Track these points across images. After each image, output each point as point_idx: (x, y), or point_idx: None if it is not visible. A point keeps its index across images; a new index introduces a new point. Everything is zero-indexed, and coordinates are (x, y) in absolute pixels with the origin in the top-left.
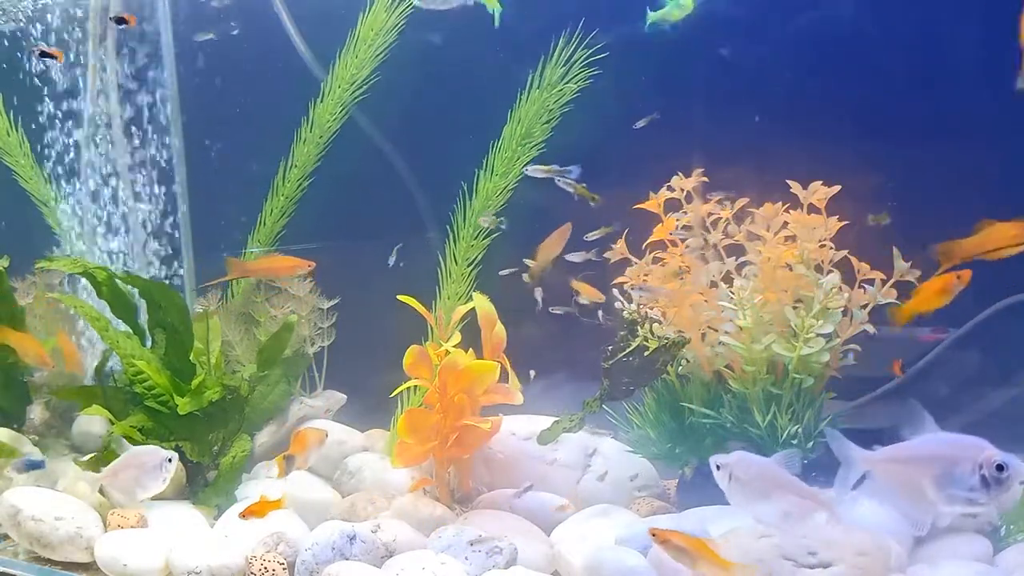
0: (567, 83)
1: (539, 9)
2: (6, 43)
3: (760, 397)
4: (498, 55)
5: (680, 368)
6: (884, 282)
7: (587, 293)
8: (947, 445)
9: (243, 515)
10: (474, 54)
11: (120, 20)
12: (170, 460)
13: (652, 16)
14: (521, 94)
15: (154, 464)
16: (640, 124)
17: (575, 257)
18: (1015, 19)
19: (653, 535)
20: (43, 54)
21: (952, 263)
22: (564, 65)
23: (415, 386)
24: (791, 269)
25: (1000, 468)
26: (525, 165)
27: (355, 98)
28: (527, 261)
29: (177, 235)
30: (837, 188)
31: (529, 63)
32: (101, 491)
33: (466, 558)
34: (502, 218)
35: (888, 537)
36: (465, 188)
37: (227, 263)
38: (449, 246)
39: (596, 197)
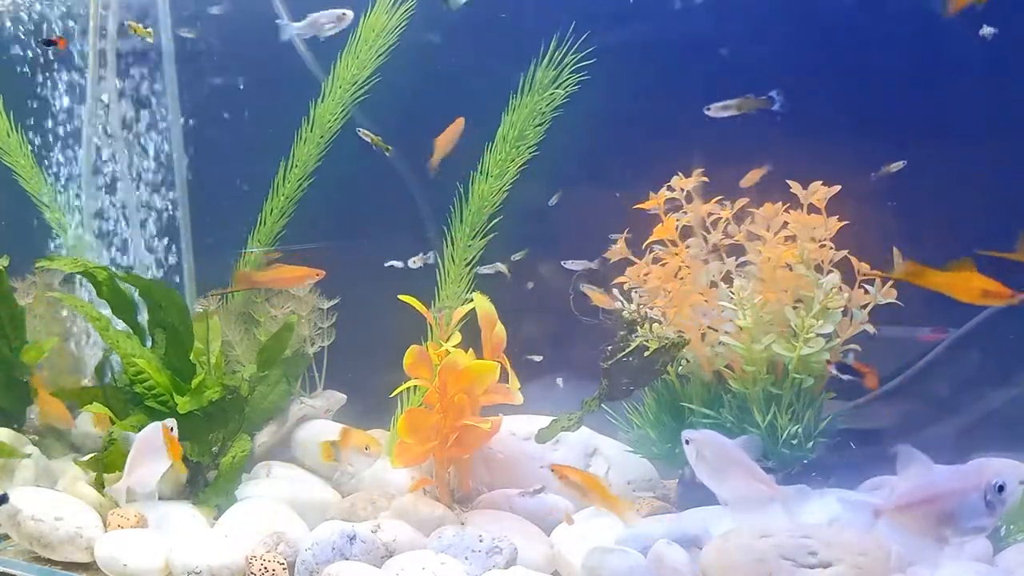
0: (557, 87)
1: (531, 11)
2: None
3: (760, 397)
4: (492, 56)
5: (680, 368)
6: (884, 282)
7: (598, 300)
8: (950, 479)
9: None
10: (468, 55)
11: (49, 42)
12: (172, 429)
13: None
14: (513, 97)
15: (160, 441)
16: (553, 201)
17: (574, 265)
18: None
19: (552, 470)
20: (47, 42)
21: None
22: (555, 68)
23: (415, 386)
24: (791, 269)
25: (1001, 489)
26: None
27: (355, 98)
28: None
29: (177, 235)
30: (837, 188)
31: (521, 65)
32: (102, 491)
33: (466, 558)
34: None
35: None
36: (461, 189)
37: (234, 275)
38: (446, 247)
39: (389, 148)
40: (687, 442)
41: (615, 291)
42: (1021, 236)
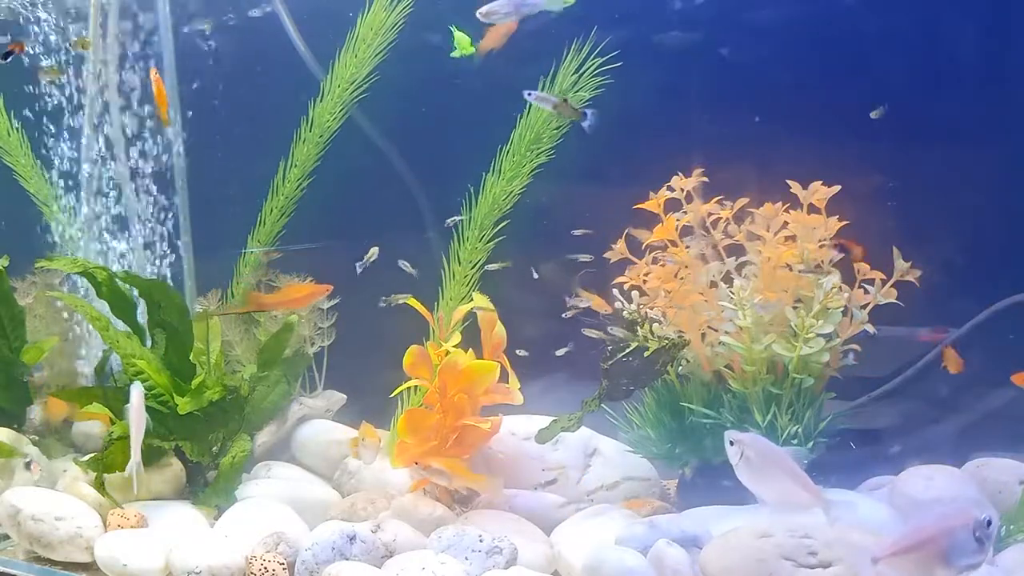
0: (578, 91)
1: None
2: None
3: (760, 397)
4: (509, 57)
5: (680, 368)
6: (884, 282)
7: (596, 304)
8: (940, 521)
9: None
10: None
11: (7, 54)
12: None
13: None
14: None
15: (141, 402)
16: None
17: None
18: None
19: (416, 463)
20: (6, 54)
21: None
22: (575, 73)
23: (415, 386)
24: (791, 269)
25: (988, 523)
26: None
27: (354, 98)
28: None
29: (177, 235)
30: (837, 188)
31: (542, 67)
32: (102, 491)
33: (466, 558)
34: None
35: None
36: (472, 190)
37: (245, 296)
38: (453, 247)
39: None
40: (731, 443)
41: (615, 291)
42: None
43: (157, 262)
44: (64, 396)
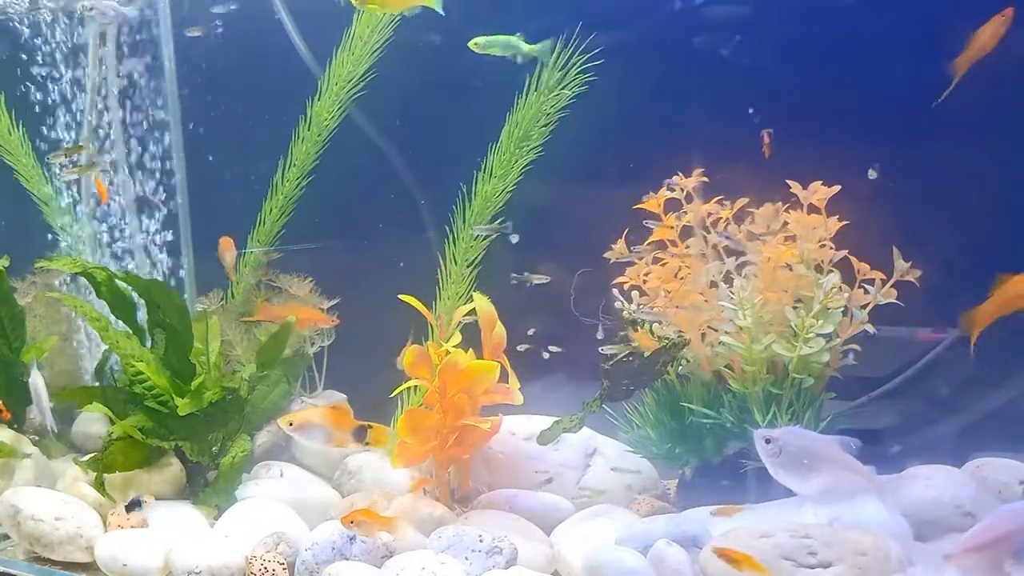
0: (563, 88)
1: (537, 11)
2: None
3: (760, 397)
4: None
5: (680, 368)
6: (884, 282)
7: (644, 343)
8: (1012, 518)
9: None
10: (473, 54)
11: None
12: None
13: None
14: (518, 97)
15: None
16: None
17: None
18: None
19: (342, 522)
20: None
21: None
22: (561, 69)
23: (415, 386)
24: (791, 269)
25: None
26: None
27: (352, 96)
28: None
29: (177, 235)
30: (837, 188)
31: (527, 66)
32: (102, 491)
33: (466, 558)
34: (506, 222)
35: (888, 537)
36: (464, 190)
37: (256, 307)
38: (448, 247)
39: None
40: (766, 441)
41: (615, 291)
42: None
43: (157, 262)
44: (64, 396)
